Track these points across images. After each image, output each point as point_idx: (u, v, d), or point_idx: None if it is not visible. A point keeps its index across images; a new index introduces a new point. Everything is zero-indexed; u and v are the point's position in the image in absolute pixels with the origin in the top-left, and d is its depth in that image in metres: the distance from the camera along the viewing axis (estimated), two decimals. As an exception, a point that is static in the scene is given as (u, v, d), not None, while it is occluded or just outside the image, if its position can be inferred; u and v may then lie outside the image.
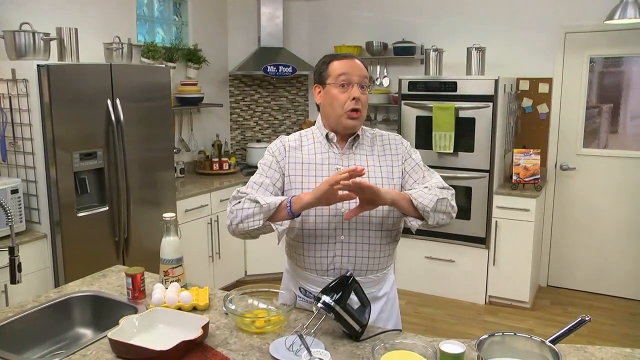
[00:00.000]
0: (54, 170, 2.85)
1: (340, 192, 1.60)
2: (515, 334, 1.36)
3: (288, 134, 5.42)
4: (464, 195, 4.19)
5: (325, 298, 1.56)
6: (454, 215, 1.79)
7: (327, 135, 1.83)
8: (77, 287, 2.03)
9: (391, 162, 1.83)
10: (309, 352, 1.41)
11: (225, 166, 4.76)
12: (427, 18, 4.81)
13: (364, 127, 1.89)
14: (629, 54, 4.17)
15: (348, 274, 1.63)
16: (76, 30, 3.16)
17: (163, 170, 3.55)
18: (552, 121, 4.42)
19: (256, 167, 5.20)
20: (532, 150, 4.14)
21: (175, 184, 3.74)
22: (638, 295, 4.33)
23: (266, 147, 5.29)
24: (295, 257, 1.88)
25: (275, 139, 1.94)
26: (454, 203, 1.78)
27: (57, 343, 1.85)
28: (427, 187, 1.77)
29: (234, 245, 4.53)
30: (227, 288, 4.18)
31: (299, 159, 1.82)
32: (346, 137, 1.82)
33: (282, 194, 1.81)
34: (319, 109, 1.88)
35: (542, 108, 4.42)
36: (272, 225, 1.70)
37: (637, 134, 4.25)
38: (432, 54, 4.41)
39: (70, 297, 1.93)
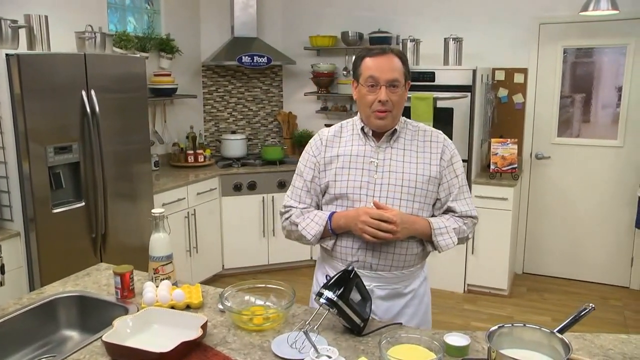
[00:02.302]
0: (27, 164, 2.73)
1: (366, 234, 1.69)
2: (524, 325, 1.36)
3: (263, 125, 5.43)
4: (442, 185, 4.21)
5: (328, 293, 1.53)
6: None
7: (362, 129, 1.83)
8: (61, 287, 1.94)
9: (429, 160, 1.80)
10: (316, 349, 1.38)
11: (201, 158, 4.67)
12: (402, 8, 4.80)
13: (408, 120, 1.88)
14: (601, 45, 4.26)
15: (350, 268, 1.61)
16: (46, 17, 3.01)
17: (139, 163, 3.44)
18: (527, 111, 4.49)
19: (231, 160, 5.10)
20: (509, 139, 4.19)
21: (151, 177, 3.63)
22: (609, 280, 4.46)
23: (241, 139, 5.23)
24: (325, 244, 1.88)
25: (248, 130, 1.98)
26: (471, 234, 1.87)
27: (43, 347, 1.77)
28: (457, 215, 1.82)
29: (211, 239, 4.45)
30: (205, 282, 4.10)
31: (334, 152, 1.84)
32: (383, 131, 1.81)
33: (319, 187, 1.86)
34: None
35: (517, 98, 4.48)
36: (322, 245, 1.85)
37: (608, 123, 4.35)
38: (409, 44, 4.40)
39: (54, 298, 1.85)
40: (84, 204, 3.03)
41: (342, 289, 1.54)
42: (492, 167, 4.19)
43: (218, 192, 4.48)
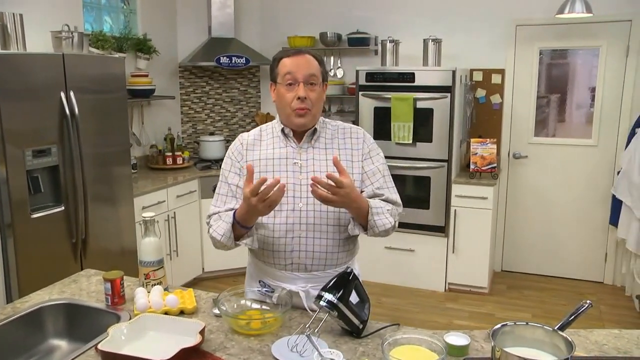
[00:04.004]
0: (4, 168, 2.63)
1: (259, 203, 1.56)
2: (527, 323, 1.37)
3: (241, 126, 5.38)
4: (422, 185, 4.25)
5: (328, 296, 1.52)
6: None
7: (282, 130, 1.81)
8: (47, 295, 1.88)
9: (351, 157, 1.82)
10: (320, 352, 1.37)
11: (179, 161, 4.60)
12: (380, 9, 4.82)
13: (326, 120, 1.88)
14: (575, 47, 4.36)
15: (348, 270, 1.60)
16: (21, 16, 2.93)
17: (119, 165, 3.37)
18: (505, 111, 4.56)
19: (210, 161, 5.03)
20: (488, 139, 4.24)
21: (131, 180, 3.56)
22: (584, 275, 4.57)
23: (220, 140, 5.16)
24: (255, 251, 1.86)
25: (226, 132, 1.91)
26: (397, 224, 1.83)
27: (29, 358, 1.71)
28: (383, 199, 1.80)
29: (191, 242, 4.39)
30: (186, 285, 4.04)
31: (256, 156, 1.82)
32: (303, 131, 1.81)
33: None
34: None
35: (495, 98, 4.55)
36: (241, 244, 1.74)
37: (582, 122, 4.46)
38: (389, 45, 4.42)
39: (41, 306, 1.78)
40: (63, 208, 2.95)
41: (341, 292, 1.53)
42: (472, 166, 4.25)
43: (198, 195, 4.42)
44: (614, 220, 4.15)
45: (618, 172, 4.09)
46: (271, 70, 1.80)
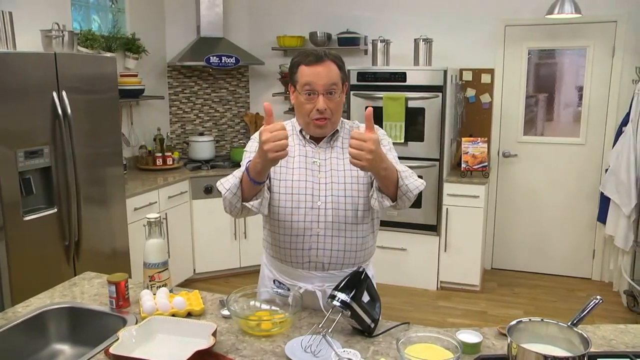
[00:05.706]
0: (-4, 170, 2.57)
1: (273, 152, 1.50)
2: (542, 320, 1.38)
3: (230, 126, 5.34)
4: (414, 184, 4.25)
5: (342, 296, 1.51)
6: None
7: (301, 131, 1.82)
8: (48, 299, 1.84)
9: None
10: (337, 353, 1.36)
11: (169, 161, 4.55)
12: (370, 9, 4.83)
13: (344, 120, 1.88)
14: (562, 47, 4.42)
15: (360, 270, 1.59)
16: (10, 14, 2.86)
17: (111, 166, 3.31)
18: (494, 110, 4.60)
19: (200, 162, 4.99)
20: (479, 138, 4.28)
21: (123, 181, 3.51)
22: (573, 272, 4.63)
23: (209, 141, 5.09)
24: (272, 250, 1.86)
25: (215, 132, 1.86)
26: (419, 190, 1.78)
27: (32, 363, 1.67)
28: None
29: (183, 244, 4.35)
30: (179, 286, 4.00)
31: None
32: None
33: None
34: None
35: (484, 98, 4.59)
36: (247, 205, 1.67)
37: (570, 121, 4.52)
38: (380, 45, 4.43)
39: (43, 311, 1.74)
40: (56, 210, 2.89)
41: (354, 291, 1.53)
42: (463, 165, 4.27)
43: (189, 195, 4.37)
44: (602, 217, 4.21)
45: (606, 170, 4.15)
46: (290, 74, 1.77)
